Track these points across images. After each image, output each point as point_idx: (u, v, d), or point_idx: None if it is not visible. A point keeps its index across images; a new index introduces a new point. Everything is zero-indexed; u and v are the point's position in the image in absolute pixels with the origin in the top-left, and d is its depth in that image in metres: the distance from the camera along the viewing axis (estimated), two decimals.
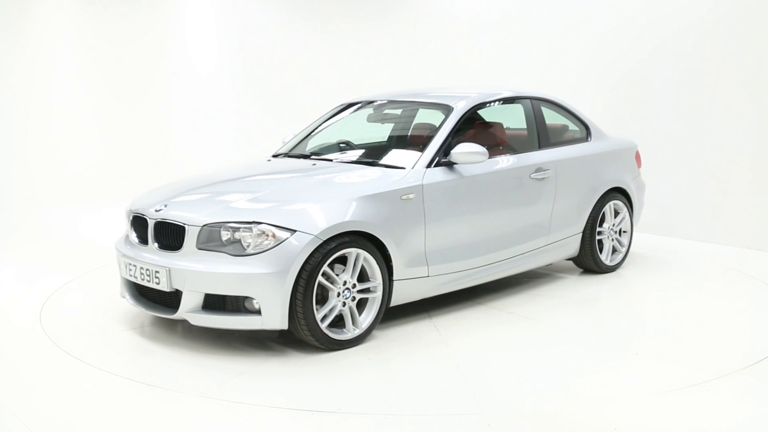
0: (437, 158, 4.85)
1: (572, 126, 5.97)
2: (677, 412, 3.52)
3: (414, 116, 5.75)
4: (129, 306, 5.05)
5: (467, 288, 5.20)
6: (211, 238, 4.17)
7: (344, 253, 4.26)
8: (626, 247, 6.14)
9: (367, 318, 4.41)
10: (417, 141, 5.26)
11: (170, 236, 4.32)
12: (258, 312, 4.08)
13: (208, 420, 3.46)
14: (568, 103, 5.99)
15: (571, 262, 6.09)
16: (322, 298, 4.26)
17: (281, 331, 4.48)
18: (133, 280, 4.48)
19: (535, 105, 5.62)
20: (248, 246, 4.09)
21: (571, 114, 5.95)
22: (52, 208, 9.22)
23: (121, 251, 4.61)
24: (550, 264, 5.91)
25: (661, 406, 3.57)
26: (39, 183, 9.59)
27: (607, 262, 5.97)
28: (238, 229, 4.10)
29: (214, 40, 10.24)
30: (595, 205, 5.80)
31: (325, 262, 4.14)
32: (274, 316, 4.06)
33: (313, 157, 5.33)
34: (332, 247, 4.16)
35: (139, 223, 4.58)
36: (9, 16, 9.29)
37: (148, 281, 4.33)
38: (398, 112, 5.70)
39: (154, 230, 4.40)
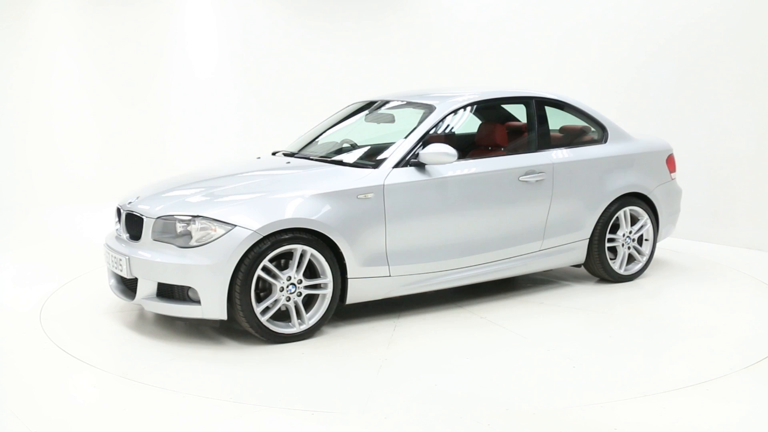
0: (408, 158, 4.84)
1: (584, 127, 5.73)
2: (677, 412, 3.53)
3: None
4: (129, 306, 5.09)
5: (452, 290, 5.18)
6: (166, 230, 4.43)
7: (289, 249, 4.38)
8: (647, 257, 5.78)
9: (315, 314, 4.50)
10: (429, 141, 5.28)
11: (135, 227, 4.61)
12: (198, 302, 4.28)
13: (208, 420, 3.46)
14: (582, 104, 5.73)
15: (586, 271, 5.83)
16: (271, 292, 4.42)
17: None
18: (108, 266, 4.82)
19: (536, 106, 5.44)
20: (193, 239, 4.32)
21: (583, 115, 5.69)
22: (52, 208, 9.22)
23: (106, 241, 4.92)
24: (549, 270, 5.71)
25: (661, 406, 3.58)
26: (39, 183, 9.59)
27: (621, 271, 5.66)
28: (188, 222, 4.34)
29: (214, 39, 10.23)
30: (604, 211, 5.52)
31: (264, 257, 4.27)
32: (213, 307, 4.27)
33: (295, 155, 5.41)
34: (272, 243, 4.30)
35: (119, 214, 4.90)
36: (9, 16, 9.29)
37: (115, 268, 4.65)
38: (392, 112, 5.62)
39: (125, 221, 4.73)
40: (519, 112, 5.77)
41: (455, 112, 5.22)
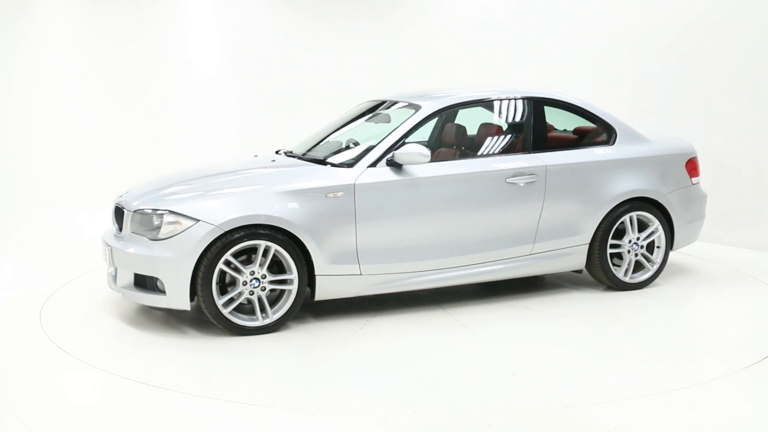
0: (384, 158, 4.84)
1: (597, 129, 5.54)
2: (677, 412, 3.53)
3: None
4: (129, 305, 5.11)
5: (440, 292, 5.14)
6: (143, 223, 4.61)
7: (253, 245, 4.49)
8: (657, 264, 5.51)
9: (280, 309, 4.60)
10: (445, 142, 5.31)
11: (121, 220, 4.82)
12: (164, 292, 4.49)
13: (208, 420, 3.46)
14: (588, 104, 5.51)
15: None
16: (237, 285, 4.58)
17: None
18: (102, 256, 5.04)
19: (533, 106, 5.30)
20: (161, 232, 4.51)
21: (588, 115, 5.47)
22: (52, 208, 9.21)
23: (102, 235, 5.11)
24: (546, 275, 5.62)
25: (661, 406, 3.58)
26: (39, 183, 9.59)
27: (625, 279, 5.41)
28: (161, 216, 4.52)
29: (214, 39, 10.23)
30: (606, 215, 5.29)
31: (226, 251, 4.43)
32: (177, 297, 4.48)
33: (291, 154, 5.44)
34: (235, 238, 4.44)
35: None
36: (9, 16, 9.29)
37: (104, 258, 4.90)
38: (390, 112, 5.55)
39: (114, 214, 4.97)
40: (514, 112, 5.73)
41: (441, 112, 5.19)
